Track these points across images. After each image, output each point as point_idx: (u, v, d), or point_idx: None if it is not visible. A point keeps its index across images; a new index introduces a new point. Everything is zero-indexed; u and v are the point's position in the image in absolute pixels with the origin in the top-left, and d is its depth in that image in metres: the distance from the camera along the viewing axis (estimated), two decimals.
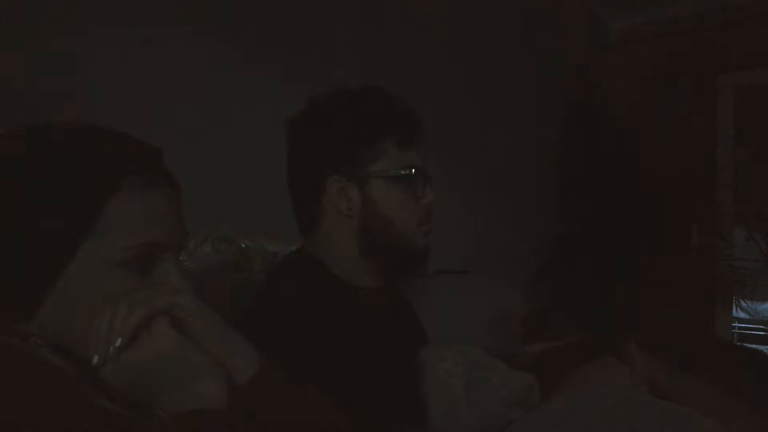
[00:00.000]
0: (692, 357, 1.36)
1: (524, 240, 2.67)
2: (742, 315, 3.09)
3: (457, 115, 2.31)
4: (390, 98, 1.03)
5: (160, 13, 1.34)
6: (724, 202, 2.96)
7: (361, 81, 1.05)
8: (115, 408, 0.54)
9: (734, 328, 3.13)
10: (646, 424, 0.73)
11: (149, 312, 0.57)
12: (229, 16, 1.48)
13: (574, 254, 2.76)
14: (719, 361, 1.38)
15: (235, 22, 1.50)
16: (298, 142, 1.02)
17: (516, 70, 2.64)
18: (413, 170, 0.99)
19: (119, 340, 0.56)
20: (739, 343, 2.86)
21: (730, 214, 2.98)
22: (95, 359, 0.56)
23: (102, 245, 0.57)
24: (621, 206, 2.80)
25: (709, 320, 2.99)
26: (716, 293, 2.95)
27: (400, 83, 1.94)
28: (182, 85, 1.38)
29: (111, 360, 0.56)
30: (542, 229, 2.81)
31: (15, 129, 0.60)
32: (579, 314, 2.52)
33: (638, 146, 2.93)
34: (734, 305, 3.03)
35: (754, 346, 2.68)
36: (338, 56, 1.77)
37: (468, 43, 2.37)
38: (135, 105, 1.25)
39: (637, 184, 2.84)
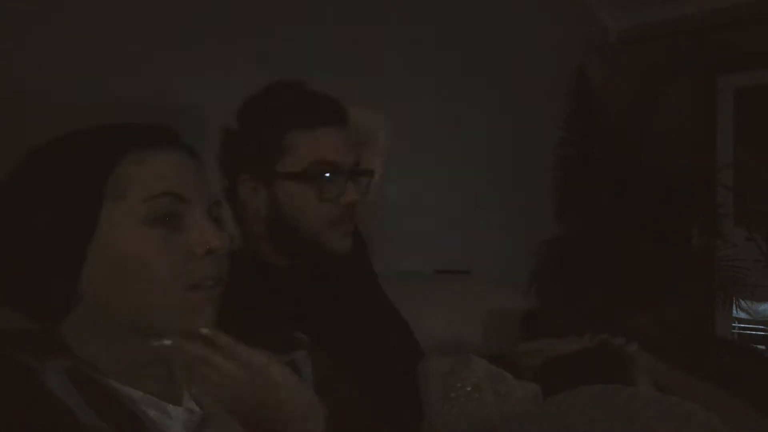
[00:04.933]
0: (692, 357, 1.36)
1: (524, 240, 2.67)
2: (742, 315, 3.08)
3: (456, 115, 2.30)
4: (298, 90, 0.97)
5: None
6: (724, 202, 2.95)
7: (353, 81, 1.05)
8: None
9: (734, 328, 3.12)
10: (650, 418, 0.73)
11: None
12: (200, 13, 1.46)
13: (574, 254, 2.75)
14: (720, 361, 1.38)
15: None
16: (221, 143, 1.02)
17: (516, 70, 2.63)
18: (321, 169, 0.93)
19: None
20: (739, 343, 2.85)
21: (730, 214, 2.97)
22: None
23: (124, 205, 0.58)
24: (620, 206, 2.80)
25: (709, 320, 2.99)
26: (716, 293, 2.95)
27: (397, 83, 1.94)
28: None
29: None
30: (542, 229, 2.81)
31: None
32: (579, 314, 2.52)
33: (638, 146, 2.92)
34: (734, 305, 3.03)
35: (754, 346, 2.68)
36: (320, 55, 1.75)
37: (466, 42, 2.37)
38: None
39: (637, 184, 2.84)
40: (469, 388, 0.92)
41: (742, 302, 2.97)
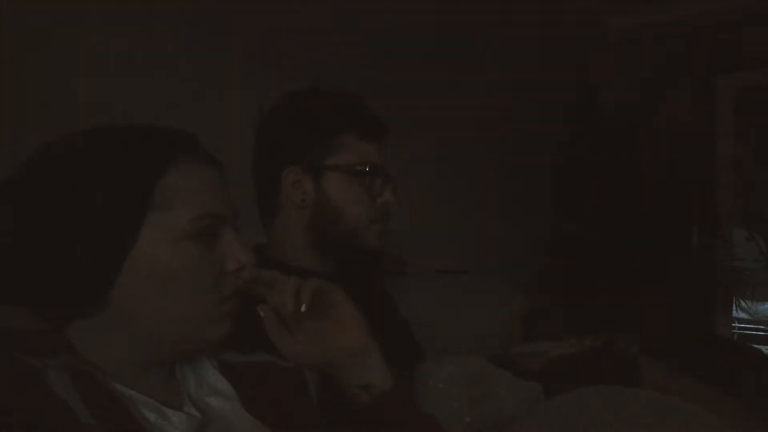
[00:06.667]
0: (693, 358, 1.36)
1: (524, 240, 2.67)
2: (742, 315, 3.08)
3: (456, 115, 2.30)
4: (352, 97, 1.03)
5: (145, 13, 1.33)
6: (724, 202, 2.95)
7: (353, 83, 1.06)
8: None
9: (734, 328, 3.13)
10: (650, 419, 0.73)
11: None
12: (213, 22, 1.47)
13: (574, 254, 2.76)
14: (719, 361, 1.38)
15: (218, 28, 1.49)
16: (261, 135, 1.04)
17: (515, 70, 2.63)
18: (368, 167, 0.99)
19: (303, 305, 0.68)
20: (739, 343, 2.85)
21: (730, 214, 2.98)
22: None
23: (167, 219, 0.58)
24: (621, 206, 2.80)
25: (709, 320, 2.99)
26: (716, 293, 2.95)
27: (396, 84, 1.94)
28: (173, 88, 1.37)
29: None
30: (542, 229, 2.81)
31: (68, 134, 0.61)
32: (579, 315, 2.52)
33: (638, 146, 2.92)
34: (734, 305, 3.03)
35: (754, 346, 2.68)
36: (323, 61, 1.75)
37: (466, 43, 2.37)
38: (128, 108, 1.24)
39: (637, 184, 2.84)
40: (469, 389, 0.92)
41: (742, 302, 2.97)
